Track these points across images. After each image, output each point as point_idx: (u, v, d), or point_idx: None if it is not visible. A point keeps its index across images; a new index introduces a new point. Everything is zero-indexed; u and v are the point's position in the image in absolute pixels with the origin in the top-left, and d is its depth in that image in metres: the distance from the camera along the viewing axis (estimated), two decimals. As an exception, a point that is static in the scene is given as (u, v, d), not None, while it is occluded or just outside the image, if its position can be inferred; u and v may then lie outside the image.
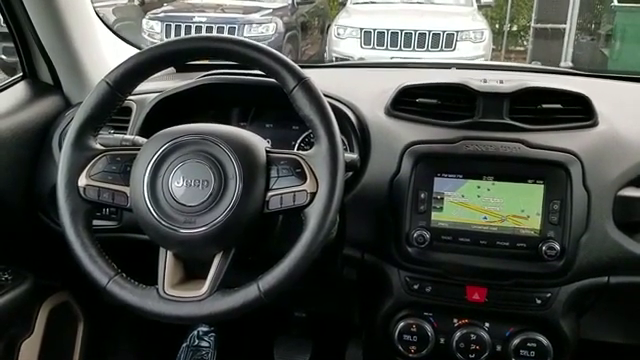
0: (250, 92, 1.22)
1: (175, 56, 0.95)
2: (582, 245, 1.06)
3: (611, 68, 6.09)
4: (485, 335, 1.12)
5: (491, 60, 6.57)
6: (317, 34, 8.10)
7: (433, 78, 1.20)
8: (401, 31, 6.06)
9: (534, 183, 1.07)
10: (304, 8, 7.61)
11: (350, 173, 1.14)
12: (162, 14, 6.81)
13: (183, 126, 0.92)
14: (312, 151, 0.89)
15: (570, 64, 6.46)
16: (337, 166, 0.87)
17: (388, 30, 6.11)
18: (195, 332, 1.59)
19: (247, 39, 0.94)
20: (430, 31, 5.97)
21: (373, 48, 6.21)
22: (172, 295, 0.85)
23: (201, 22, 6.56)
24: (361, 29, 6.24)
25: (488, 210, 1.09)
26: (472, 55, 5.86)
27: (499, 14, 9.14)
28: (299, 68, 0.91)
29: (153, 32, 6.59)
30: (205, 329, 1.59)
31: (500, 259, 1.07)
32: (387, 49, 6.15)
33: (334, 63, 1.63)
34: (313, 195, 0.85)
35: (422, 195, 1.10)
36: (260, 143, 0.92)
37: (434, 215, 1.10)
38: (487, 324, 1.14)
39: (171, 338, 1.64)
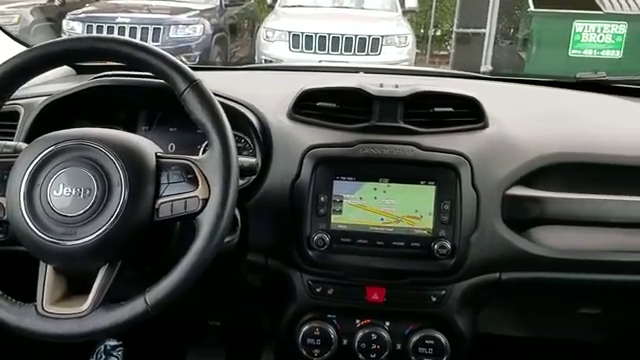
0: (146, 95, 1.20)
1: (59, 57, 0.92)
2: (472, 243, 1.10)
3: (528, 71, 6.39)
4: (385, 334, 1.15)
5: (416, 64, 6.77)
6: (247, 36, 8.06)
7: (334, 82, 1.22)
8: (329, 35, 6.12)
9: (426, 184, 1.11)
10: (233, 10, 7.55)
11: (252, 177, 1.14)
12: (83, 15, 6.55)
13: (65, 131, 0.88)
14: (205, 156, 0.88)
15: (490, 67, 6.74)
16: (230, 171, 0.86)
17: (316, 34, 6.16)
18: (102, 347, 1.53)
19: (135, 40, 0.92)
20: (357, 35, 6.07)
21: (302, 51, 6.24)
22: (51, 312, 0.81)
23: (124, 23, 6.36)
24: (289, 32, 6.26)
25: (384, 211, 1.12)
26: (397, 59, 6.01)
27: (424, 19, 9.43)
28: (190, 70, 0.90)
29: (73, 33, 6.33)
30: (113, 343, 1.54)
31: (396, 259, 1.11)
32: (315, 52, 6.20)
33: (243, 66, 1.61)
34: (205, 201, 0.85)
35: (322, 198, 1.12)
36: (149, 148, 0.90)
37: (334, 218, 1.12)
38: (387, 323, 1.17)
39: (76, 355, 1.57)
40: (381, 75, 1.57)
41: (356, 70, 1.61)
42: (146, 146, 0.89)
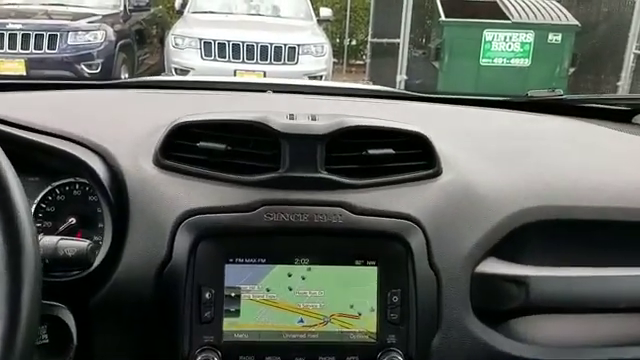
0: None
1: None
2: (434, 350, 0.74)
3: (442, 81, 6.29)
4: None
5: (333, 74, 6.47)
6: (156, 43, 7.41)
7: (225, 110, 0.81)
8: (242, 43, 5.67)
9: (364, 265, 0.73)
10: (140, 15, 6.89)
11: (91, 269, 0.71)
12: (-32, 21, 5.68)
13: None
14: None
15: (405, 77, 6.58)
16: (19, 282, 0.49)
17: (229, 42, 5.68)
18: None
19: None
20: (272, 44, 5.66)
21: (215, 60, 5.74)
22: None
23: (15, 29, 5.57)
24: (200, 39, 5.74)
25: (305, 309, 0.72)
26: (314, 69, 5.66)
27: (339, 29, 9.18)
28: None
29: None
30: None
31: None
32: (230, 61, 5.72)
33: (102, 82, 1.14)
34: None
35: (207, 294, 0.70)
36: None
37: (227, 323, 0.71)
38: None
39: None
40: (294, 95, 1.17)
41: (263, 88, 1.20)
42: None
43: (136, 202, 0.75)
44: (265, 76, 5.48)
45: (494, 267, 0.77)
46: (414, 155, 0.80)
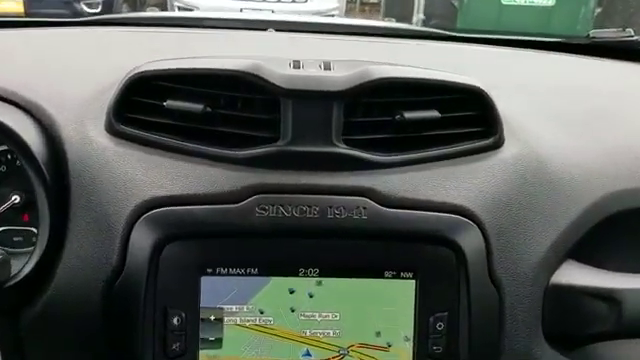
0: None
1: None
2: None
3: (461, 21, 5.88)
4: None
5: (345, 13, 6.05)
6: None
7: (207, 55, 0.57)
8: (250, -22, 5.27)
9: (397, 277, 0.51)
10: (143, -50, 6.46)
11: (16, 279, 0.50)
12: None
13: None
14: None
15: (422, 16, 6.15)
16: None
17: (235, -23, 5.29)
18: None
19: None
20: (280, -20, 5.27)
21: (220, -3, 5.37)
22: None
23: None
24: (205, -25, 5.35)
25: (313, 338, 0.52)
26: (325, 8, 5.27)
27: (353, -36, 8.60)
28: None
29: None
30: None
31: None
32: (236, -1, 5.35)
33: (64, 20, 0.88)
34: None
35: (175, 318, 0.50)
36: None
37: (205, 357, 0.51)
38: None
39: None
40: (301, 35, 0.91)
41: (263, 26, 0.94)
42: None
43: (79, 185, 0.52)
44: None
45: (574, 276, 0.55)
46: (466, 118, 0.56)
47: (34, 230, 0.55)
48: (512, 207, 0.54)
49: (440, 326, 0.51)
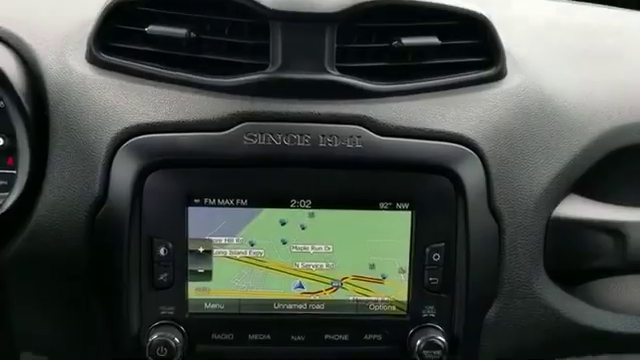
0: None
1: None
2: (489, 326, 0.51)
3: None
4: None
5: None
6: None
7: None
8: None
9: (392, 209, 0.49)
10: None
11: None
12: None
13: None
14: None
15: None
16: None
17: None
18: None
19: None
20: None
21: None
22: None
23: None
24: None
25: (306, 270, 0.50)
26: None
27: None
28: None
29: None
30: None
31: None
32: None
33: None
34: None
35: (162, 249, 0.48)
36: None
37: (193, 289, 0.49)
38: None
39: None
40: None
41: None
42: None
43: (59, 115, 0.50)
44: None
45: (578, 209, 0.53)
46: (468, 47, 0.52)
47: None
48: (514, 138, 0.51)
49: (437, 257, 0.49)
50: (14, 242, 0.50)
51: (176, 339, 0.47)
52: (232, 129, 0.47)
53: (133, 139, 0.47)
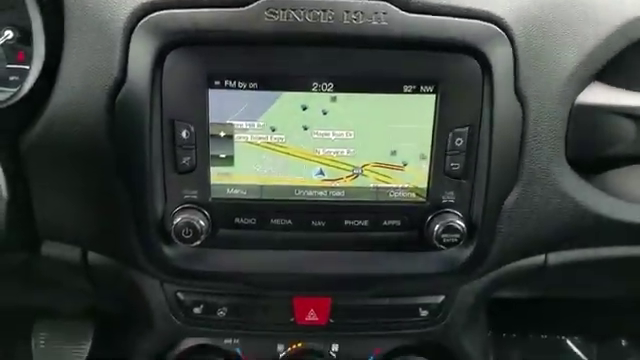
0: None
1: None
2: (507, 212, 0.51)
3: None
4: None
5: None
6: None
7: None
8: None
9: (417, 92, 0.48)
10: None
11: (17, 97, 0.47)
12: None
13: None
14: None
15: None
16: None
17: None
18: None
19: None
20: None
21: None
22: None
23: None
24: None
25: (327, 157, 0.49)
26: None
27: None
28: None
29: None
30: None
31: (352, 253, 0.51)
32: None
33: None
34: None
35: (184, 131, 0.48)
36: None
37: (216, 174, 0.49)
38: (335, 347, 0.60)
39: None
40: None
41: None
42: None
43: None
44: None
45: (601, 96, 0.52)
46: None
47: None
48: (543, 20, 0.49)
49: (459, 142, 0.48)
50: (33, 129, 0.49)
51: (201, 222, 0.48)
52: (253, 4, 0.45)
53: (150, 15, 0.45)
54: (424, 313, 0.56)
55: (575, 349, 1.18)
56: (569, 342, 1.18)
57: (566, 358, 1.18)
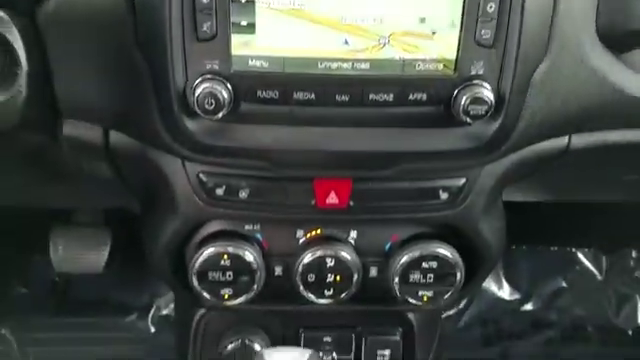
0: None
1: None
2: (536, 84, 0.50)
3: None
4: (349, 255, 0.59)
5: None
6: None
7: None
8: None
9: (448, -45, 0.45)
10: None
11: None
12: None
13: None
14: None
15: None
16: None
17: None
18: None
19: None
20: None
21: None
22: None
23: None
24: None
25: (352, 25, 0.47)
26: None
27: None
28: None
29: None
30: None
31: (375, 129, 0.50)
32: None
33: None
34: None
35: None
36: None
37: (237, 44, 0.47)
38: (353, 234, 0.60)
39: None
40: None
41: None
42: None
43: None
44: None
45: None
46: None
47: None
48: None
49: (491, 7, 0.46)
50: (46, 3, 0.47)
51: (223, 92, 0.46)
52: None
53: None
54: (444, 196, 0.55)
55: (585, 261, 1.20)
56: (579, 254, 1.20)
57: (576, 270, 1.20)
